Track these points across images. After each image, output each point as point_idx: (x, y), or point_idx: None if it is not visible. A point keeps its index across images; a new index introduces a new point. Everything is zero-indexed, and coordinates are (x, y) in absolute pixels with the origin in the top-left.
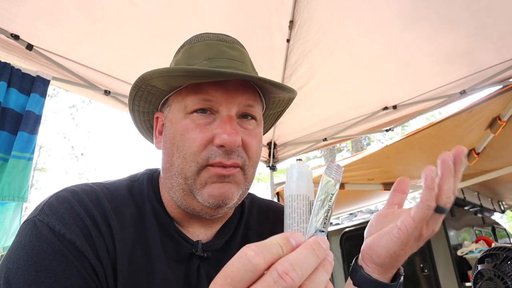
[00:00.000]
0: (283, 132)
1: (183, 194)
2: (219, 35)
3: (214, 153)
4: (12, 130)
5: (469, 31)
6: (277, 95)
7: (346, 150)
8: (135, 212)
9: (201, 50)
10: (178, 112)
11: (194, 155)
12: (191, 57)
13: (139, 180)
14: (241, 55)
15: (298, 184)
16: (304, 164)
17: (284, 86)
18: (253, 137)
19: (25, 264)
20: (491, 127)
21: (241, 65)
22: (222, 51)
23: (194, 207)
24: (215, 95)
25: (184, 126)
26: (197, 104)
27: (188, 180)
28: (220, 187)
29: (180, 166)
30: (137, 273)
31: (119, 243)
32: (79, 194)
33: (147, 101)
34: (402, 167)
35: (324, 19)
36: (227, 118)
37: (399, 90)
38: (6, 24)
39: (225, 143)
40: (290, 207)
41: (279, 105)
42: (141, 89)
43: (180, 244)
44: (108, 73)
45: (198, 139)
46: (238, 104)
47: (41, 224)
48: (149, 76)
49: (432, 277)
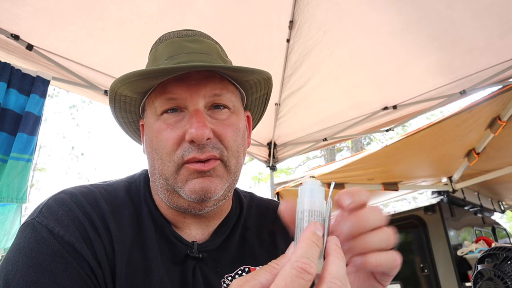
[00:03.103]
0: (283, 132)
1: (168, 194)
2: (181, 31)
3: (188, 149)
4: (11, 131)
5: (469, 31)
6: (248, 78)
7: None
8: (133, 214)
9: (163, 50)
10: (151, 116)
11: (169, 154)
12: (155, 60)
13: (136, 182)
14: (204, 46)
15: (315, 200)
16: (318, 182)
17: (245, 69)
18: (227, 126)
19: (24, 266)
20: (491, 127)
21: (203, 56)
22: (181, 47)
23: (181, 204)
24: (178, 92)
25: (157, 128)
26: (164, 104)
27: (169, 180)
28: (201, 182)
29: (160, 168)
30: (135, 274)
31: (118, 245)
32: (77, 196)
33: (128, 111)
34: (402, 167)
35: (324, 19)
36: (194, 112)
37: (399, 90)
38: (6, 24)
39: (193, 137)
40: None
41: (259, 89)
42: (116, 100)
43: (175, 245)
44: (108, 73)
45: (171, 138)
46: (203, 96)
47: (40, 226)
48: (115, 86)
49: (432, 277)
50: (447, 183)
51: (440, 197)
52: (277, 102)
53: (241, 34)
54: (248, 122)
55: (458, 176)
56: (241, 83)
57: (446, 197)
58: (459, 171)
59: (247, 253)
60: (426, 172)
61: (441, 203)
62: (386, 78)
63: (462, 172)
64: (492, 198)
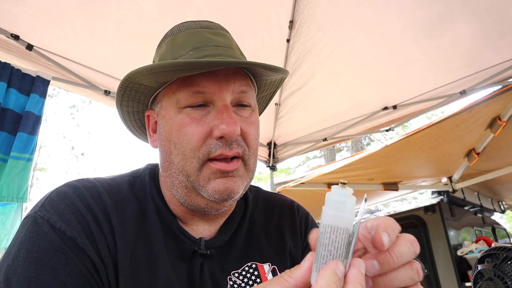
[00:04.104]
0: (283, 132)
1: (186, 191)
2: (202, 22)
3: (214, 145)
4: (12, 131)
5: (469, 31)
6: (269, 77)
7: (346, 150)
8: (136, 209)
9: (185, 40)
10: (170, 108)
11: (194, 151)
12: (175, 49)
13: (141, 176)
14: (227, 40)
15: (341, 215)
16: (349, 190)
17: (277, 68)
18: (251, 124)
19: (25, 261)
20: (491, 127)
21: (229, 51)
22: (207, 39)
23: (199, 203)
24: (207, 86)
25: (179, 121)
26: (190, 97)
27: (191, 177)
28: (224, 182)
29: (181, 164)
30: (140, 271)
31: (120, 240)
32: (80, 190)
33: (136, 100)
34: (402, 167)
35: (324, 19)
36: (223, 107)
37: (399, 90)
38: (6, 24)
39: (225, 133)
40: (327, 238)
41: (271, 87)
42: (128, 88)
43: (182, 242)
44: (108, 73)
45: (196, 134)
46: (232, 92)
47: (42, 221)
48: (137, 74)
49: (432, 277)
50: (447, 183)
51: (440, 197)
52: (277, 102)
53: (242, 35)
54: None
55: (458, 176)
56: (258, 81)
57: (446, 197)
58: (459, 171)
59: (254, 249)
60: (426, 172)
61: (441, 203)
62: (386, 78)
63: (462, 172)
64: (492, 198)
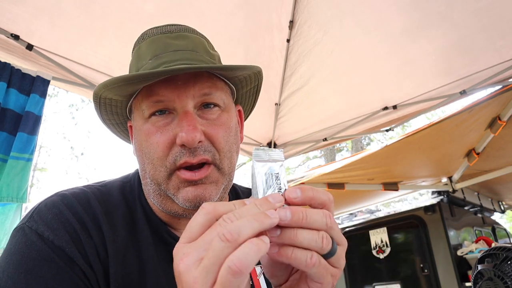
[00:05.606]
0: (283, 132)
1: (161, 199)
2: (164, 27)
3: (179, 154)
4: (11, 131)
5: (469, 31)
6: (236, 74)
7: (346, 150)
8: (127, 215)
9: (146, 49)
10: (139, 119)
11: (161, 159)
12: (139, 59)
13: (131, 181)
14: (189, 42)
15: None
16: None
17: (232, 67)
18: (218, 126)
19: (15, 272)
20: (491, 127)
21: (189, 54)
22: (166, 45)
23: (176, 210)
24: (165, 94)
25: (146, 131)
26: (151, 107)
27: (161, 185)
28: (193, 190)
29: (151, 172)
30: (130, 276)
31: (111, 246)
32: (68, 198)
33: (114, 113)
34: (402, 167)
35: (324, 19)
36: (183, 114)
37: (399, 90)
38: (6, 24)
39: (184, 141)
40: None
41: (250, 82)
42: (101, 103)
43: (171, 246)
44: (108, 73)
45: (161, 142)
46: (192, 97)
47: (30, 231)
48: (98, 91)
49: (432, 277)
50: (447, 183)
51: (440, 197)
52: (277, 102)
53: (242, 35)
54: (240, 116)
55: (458, 176)
56: (231, 79)
57: (446, 197)
58: (459, 171)
59: None
60: (426, 172)
61: (441, 203)
62: (386, 78)
63: (462, 172)
64: (492, 198)
